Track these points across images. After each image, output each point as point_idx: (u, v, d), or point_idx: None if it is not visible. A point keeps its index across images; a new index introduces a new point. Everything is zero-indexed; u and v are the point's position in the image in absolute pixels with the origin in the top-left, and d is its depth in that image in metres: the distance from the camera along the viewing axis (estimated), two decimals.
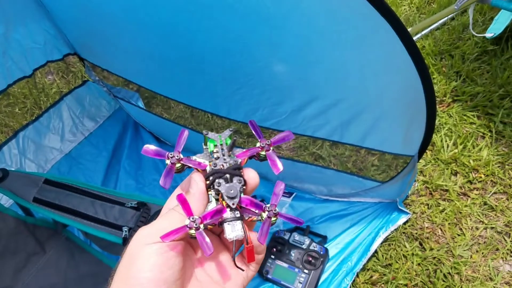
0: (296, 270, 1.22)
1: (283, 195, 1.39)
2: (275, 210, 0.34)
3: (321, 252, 1.23)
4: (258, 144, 0.37)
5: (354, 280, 1.22)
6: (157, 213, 1.03)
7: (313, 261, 1.22)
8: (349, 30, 0.74)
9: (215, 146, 0.37)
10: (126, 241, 0.98)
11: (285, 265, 1.24)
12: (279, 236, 1.29)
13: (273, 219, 0.34)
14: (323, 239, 1.29)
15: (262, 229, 0.34)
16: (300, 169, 1.37)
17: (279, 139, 0.37)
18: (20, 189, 1.07)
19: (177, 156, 0.35)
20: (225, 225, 0.34)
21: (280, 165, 0.36)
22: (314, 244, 1.25)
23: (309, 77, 0.92)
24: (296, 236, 1.27)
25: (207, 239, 0.33)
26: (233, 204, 0.34)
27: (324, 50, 0.81)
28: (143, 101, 1.64)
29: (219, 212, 0.34)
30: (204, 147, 0.38)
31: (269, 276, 1.23)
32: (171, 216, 0.34)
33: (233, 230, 0.33)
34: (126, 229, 1.00)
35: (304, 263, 1.23)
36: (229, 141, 0.38)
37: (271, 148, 0.37)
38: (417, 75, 0.77)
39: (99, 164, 1.53)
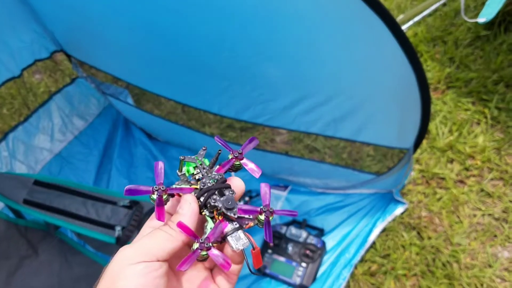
0: (294, 263, 1.21)
1: (278, 189, 1.38)
2: (270, 209, 0.35)
3: (318, 245, 1.22)
4: (230, 156, 0.38)
5: (352, 272, 1.21)
6: (150, 211, 1.02)
7: (310, 254, 1.21)
8: (338, 26, 0.73)
9: (195, 167, 0.38)
10: (119, 240, 0.97)
11: (283, 259, 1.23)
12: (275, 231, 1.28)
13: (270, 218, 0.36)
14: (320, 232, 1.28)
15: (266, 230, 0.36)
16: (295, 163, 1.36)
17: (248, 147, 0.39)
18: (9, 191, 1.06)
19: (162, 188, 0.35)
20: (229, 238, 0.35)
21: (258, 169, 0.38)
22: (311, 237, 1.23)
23: (300, 74, 0.91)
24: (293, 230, 1.26)
25: (223, 255, 0.34)
26: (234, 214, 0.35)
27: (314, 47, 0.81)
28: (133, 97, 1.62)
29: (219, 228, 0.35)
30: (179, 173, 0.38)
31: (267, 271, 1.22)
32: (157, 235, 0.34)
33: (238, 240, 0.35)
34: (119, 228, 0.98)
35: (302, 256, 1.21)
36: (206, 160, 0.39)
37: (244, 156, 0.38)
38: (410, 67, 0.76)
39: (90, 164, 1.51)
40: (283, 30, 0.78)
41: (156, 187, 0.35)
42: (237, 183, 0.37)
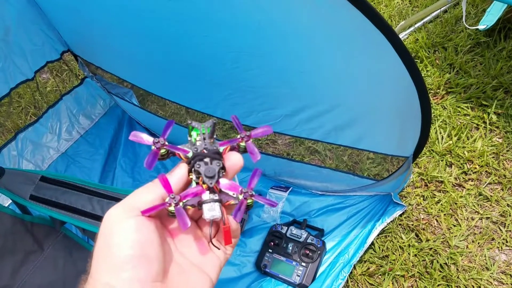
0: (294, 263, 1.23)
1: (280, 190, 1.40)
2: (250, 191, 0.36)
3: (318, 245, 1.23)
4: (238, 136, 0.39)
5: (351, 272, 1.22)
6: None
7: (310, 254, 1.23)
8: (339, 39, 0.74)
9: (198, 134, 0.39)
10: None
11: (283, 258, 1.25)
12: (276, 230, 1.30)
13: (249, 200, 0.36)
14: (320, 232, 1.30)
15: (237, 209, 0.36)
16: (296, 167, 1.37)
17: (258, 133, 0.40)
18: (16, 187, 1.07)
19: (161, 142, 0.37)
20: (204, 205, 0.35)
21: (258, 155, 0.38)
22: (311, 237, 1.25)
23: (301, 85, 0.92)
24: (293, 230, 1.28)
25: (185, 215, 0.34)
26: (211, 183, 0.36)
27: (315, 59, 0.82)
28: (137, 98, 1.64)
29: (198, 193, 0.36)
30: (189, 138, 0.39)
31: (267, 269, 1.24)
32: (137, 191, 0.35)
33: (211, 210, 0.35)
34: None
35: (302, 256, 1.23)
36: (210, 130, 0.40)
37: (250, 139, 0.39)
38: (410, 80, 0.77)
39: (95, 162, 1.53)
40: (285, 43, 0.79)
41: (156, 139, 0.36)
42: (234, 159, 0.38)
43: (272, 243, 1.28)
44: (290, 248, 1.26)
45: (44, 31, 1.28)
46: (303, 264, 1.22)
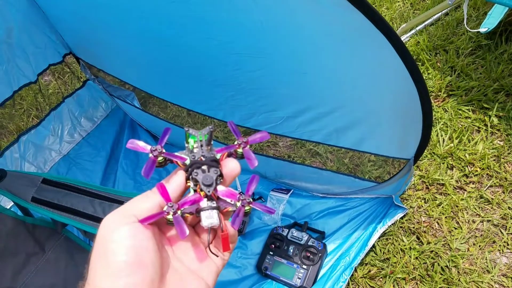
0: (295, 265, 1.23)
1: (281, 192, 1.40)
2: (248, 199, 0.36)
3: (319, 248, 1.24)
4: (236, 142, 0.39)
5: (352, 275, 1.22)
6: None
7: (311, 256, 1.23)
8: (342, 41, 0.75)
9: (196, 142, 0.39)
10: None
11: (284, 261, 1.25)
12: (277, 233, 1.30)
13: (246, 207, 0.37)
14: (321, 235, 1.30)
15: (235, 216, 0.36)
16: (297, 169, 1.38)
17: (256, 139, 0.40)
18: (18, 189, 1.07)
19: (159, 150, 0.37)
20: (202, 213, 0.36)
21: (255, 161, 0.39)
22: (312, 239, 1.25)
23: (303, 87, 0.92)
24: (294, 232, 1.28)
25: (183, 223, 0.34)
26: (208, 191, 0.36)
27: (318, 62, 0.82)
28: (139, 100, 1.65)
29: (196, 201, 0.36)
30: (186, 145, 0.39)
31: (268, 272, 1.24)
32: (135, 198, 0.35)
33: (209, 218, 0.35)
34: None
35: (303, 258, 1.23)
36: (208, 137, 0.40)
37: (248, 145, 0.39)
38: (412, 83, 0.77)
39: (97, 164, 1.53)
40: (287, 45, 0.79)
41: (153, 147, 0.36)
42: (232, 165, 0.38)
43: (273, 246, 1.28)
44: (291, 250, 1.26)
45: (46, 33, 1.28)
46: (304, 266, 1.22)
